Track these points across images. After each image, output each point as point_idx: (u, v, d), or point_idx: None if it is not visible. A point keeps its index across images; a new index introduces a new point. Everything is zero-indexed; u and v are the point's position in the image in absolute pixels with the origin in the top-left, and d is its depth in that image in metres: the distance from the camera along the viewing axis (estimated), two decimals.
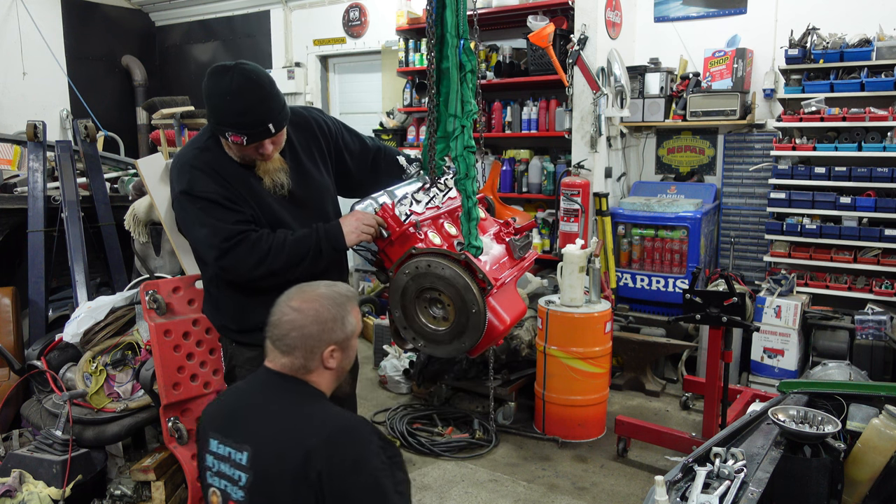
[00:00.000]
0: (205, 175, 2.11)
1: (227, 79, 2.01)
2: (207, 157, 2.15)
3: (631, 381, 4.58)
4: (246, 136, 2.03)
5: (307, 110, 2.41)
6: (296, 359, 1.67)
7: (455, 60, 2.24)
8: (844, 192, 4.36)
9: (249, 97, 2.02)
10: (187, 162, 2.16)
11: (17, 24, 7.05)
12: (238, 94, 2.01)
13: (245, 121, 2.02)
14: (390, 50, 6.37)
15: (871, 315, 4.09)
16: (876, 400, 2.04)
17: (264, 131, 2.05)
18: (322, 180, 2.36)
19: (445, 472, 3.51)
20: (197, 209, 2.11)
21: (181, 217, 2.20)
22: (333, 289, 1.75)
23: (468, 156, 2.22)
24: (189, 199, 2.12)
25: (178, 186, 2.15)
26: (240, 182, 2.15)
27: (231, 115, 2.02)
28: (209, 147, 2.17)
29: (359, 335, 1.80)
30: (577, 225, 4.81)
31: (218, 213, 2.10)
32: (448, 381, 4.28)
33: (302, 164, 2.29)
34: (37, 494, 2.63)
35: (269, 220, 2.19)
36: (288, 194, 2.22)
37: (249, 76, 2.03)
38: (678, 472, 1.61)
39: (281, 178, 2.18)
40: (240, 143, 2.05)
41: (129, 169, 4.72)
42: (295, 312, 1.67)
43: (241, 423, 1.67)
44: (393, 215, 2.24)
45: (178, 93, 7.35)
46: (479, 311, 2.10)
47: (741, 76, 4.76)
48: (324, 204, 2.36)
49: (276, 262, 2.10)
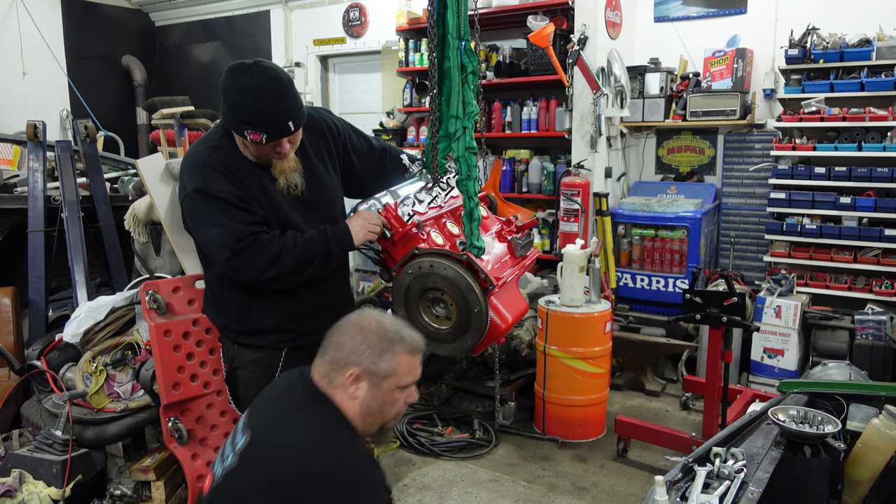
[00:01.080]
0: (218, 174, 2.10)
1: (248, 76, 1.99)
2: (220, 156, 2.13)
3: (631, 381, 4.58)
4: (266, 133, 2.01)
5: (316, 111, 2.39)
6: (324, 363, 1.62)
7: (456, 61, 2.24)
8: (844, 192, 4.37)
9: (270, 95, 2.00)
10: (200, 160, 2.14)
11: (17, 24, 7.04)
12: (259, 91, 1.99)
13: (266, 119, 2.01)
14: (390, 50, 6.37)
15: (871, 315, 4.09)
16: (876, 400, 2.04)
17: (284, 129, 2.04)
18: (331, 182, 2.34)
19: (445, 472, 3.51)
20: (210, 208, 2.09)
21: (192, 215, 2.16)
22: (397, 327, 1.65)
23: (470, 157, 2.22)
24: (202, 197, 2.09)
25: (190, 184, 2.12)
26: (253, 182, 2.13)
27: (251, 112, 2.00)
28: (222, 146, 2.16)
29: (405, 395, 1.66)
30: (577, 225, 4.81)
31: (231, 212, 2.08)
32: (448, 381, 4.28)
33: (313, 166, 2.27)
34: (37, 494, 2.63)
35: (280, 221, 2.17)
36: (300, 195, 2.20)
37: (269, 74, 2.02)
38: (678, 472, 1.61)
39: (295, 179, 2.16)
40: (258, 142, 2.03)
41: (129, 169, 4.72)
42: (349, 320, 1.64)
43: (260, 409, 1.64)
44: (396, 216, 2.25)
45: (178, 93, 7.35)
46: (482, 311, 2.10)
47: (741, 76, 4.76)
48: (332, 205, 2.35)
49: (286, 264, 2.09)
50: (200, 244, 2.26)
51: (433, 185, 2.40)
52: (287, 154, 2.13)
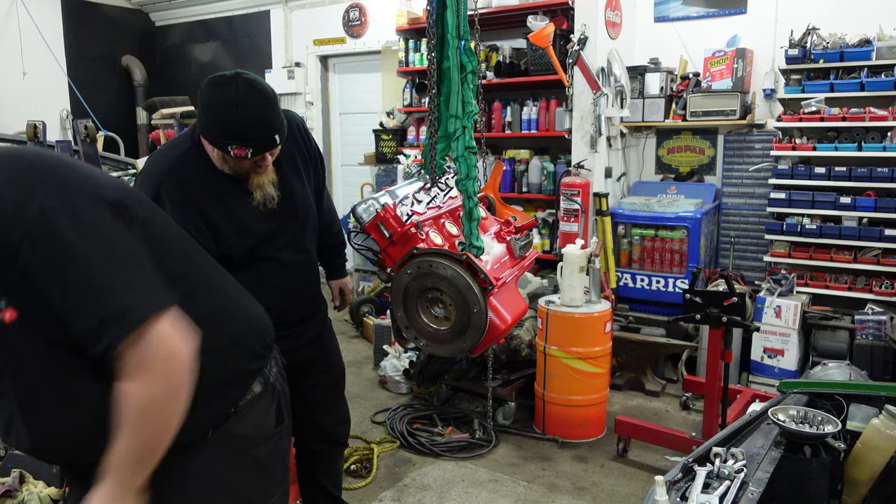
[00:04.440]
0: (174, 189, 2.00)
1: (233, 89, 1.90)
2: (183, 168, 2.03)
3: (631, 381, 4.58)
4: (252, 148, 1.94)
5: (287, 113, 2.21)
6: None
7: (456, 61, 2.24)
8: (844, 192, 4.37)
9: (256, 108, 1.92)
10: (156, 171, 2.03)
11: (17, 24, 7.05)
12: (245, 105, 1.90)
13: (253, 133, 1.93)
14: (390, 50, 6.37)
15: (871, 315, 4.09)
16: (876, 400, 2.04)
17: (270, 143, 1.97)
18: (302, 191, 2.26)
19: (445, 472, 3.51)
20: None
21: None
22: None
23: (469, 156, 2.23)
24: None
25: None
26: (213, 198, 2.04)
27: (237, 126, 1.91)
28: (188, 157, 2.05)
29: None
30: (577, 225, 4.81)
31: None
32: (448, 381, 4.28)
33: (285, 175, 2.18)
34: (37, 494, 2.63)
35: (240, 235, 2.09)
36: (276, 208, 2.12)
37: (255, 87, 1.93)
38: (678, 472, 1.61)
39: (271, 192, 2.08)
40: (243, 157, 1.95)
41: (129, 169, 4.73)
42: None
43: None
44: (394, 215, 2.25)
45: (178, 93, 7.38)
46: (481, 311, 2.10)
47: (741, 76, 4.76)
48: (305, 219, 2.27)
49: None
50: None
51: (431, 186, 2.40)
52: (268, 167, 2.06)
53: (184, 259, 1.42)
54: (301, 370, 2.30)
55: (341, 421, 2.67)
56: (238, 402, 1.45)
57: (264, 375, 1.51)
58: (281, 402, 1.57)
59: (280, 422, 1.56)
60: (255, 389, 1.48)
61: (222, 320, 1.45)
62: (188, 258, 1.45)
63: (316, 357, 2.44)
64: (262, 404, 1.50)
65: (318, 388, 2.49)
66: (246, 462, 1.48)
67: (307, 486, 2.66)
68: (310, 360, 2.40)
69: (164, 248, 1.33)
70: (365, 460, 3.53)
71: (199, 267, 1.48)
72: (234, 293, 1.55)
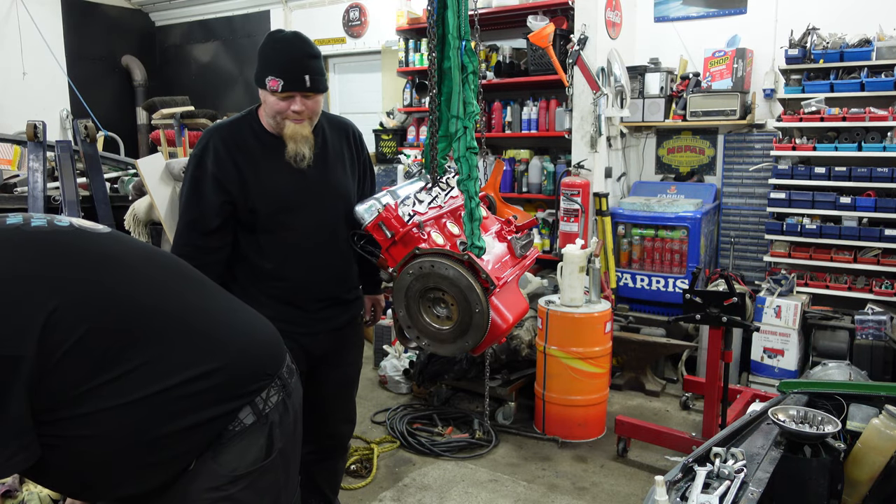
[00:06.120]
0: (218, 145, 2.24)
1: (282, 34, 2.23)
2: (230, 128, 2.29)
3: (631, 381, 4.58)
4: (283, 80, 2.13)
5: (348, 122, 2.54)
6: None
7: (457, 61, 2.24)
8: (844, 192, 4.37)
9: (295, 49, 2.18)
10: (215, 129, 2.31)
11: (17, 24, 7.05)
12: (286, 43, 2.19)
13: (286, 66, 2.15)
14: (390, 50, 6.37)
15: (871, 315, 4.09)
16: (876, 400, 2.04)
17: (300, 81, 2.15)
18: (344, 178, 2.40)
19: (445, 472, 3.51)
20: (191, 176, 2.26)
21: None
22: None
23: (470, 157, 2.23)
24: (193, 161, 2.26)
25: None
26: (250, 154, 2.24)
27: (275, 60, 2.16)
28: (238, 120, 2.31)
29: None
30: (577, 225, 4.81)
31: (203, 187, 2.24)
32: (448, 381, 4.28)
33: (328, 153, 2.35)
34: (37, 494, 2.63)
35: (271, 192, 2.25)
36: (306, 168, 2.26)
37: (301, 36, 2.23)
38: (678, 472, 1.61)
39: (303, 150, 2.23)
40: (275, 90, 2.14)
41: (129, 169, 4.72)
42: None
43: None
44: (396, 216, 2.25)
45: (178, 93, 7.37)
46: (483, 311, 2.10)
47: (741, 76, 4.77)
48: (336, 201, 2.38)
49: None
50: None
51: (433, 186, 2.40)
52: (301, 115, 2.21)
53: (147, 316, 1.35)
54: (317, 361, 2.41)
55: (346, 420, 2.67)
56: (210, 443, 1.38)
57: (255, 407, 1.42)
58: (273, 433, 1.45)
59: (269, 454, 1.45)
60: (235, 428, 1.40)
61: (190, 377, 1.35)
62: (154, 311, 1.36)
63: (333, 350, 2.47)
64: (245, 441, 1.41)
65: (329, 383, 2.50)
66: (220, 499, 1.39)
67: (302, 484, 2.65)
68: (327, 352, 2.44)
69: (111, 332, 1.28)
70: (365, 460, 3.53)
71: (171, 316, 1.39)
72: (221, 326, 1.47)
